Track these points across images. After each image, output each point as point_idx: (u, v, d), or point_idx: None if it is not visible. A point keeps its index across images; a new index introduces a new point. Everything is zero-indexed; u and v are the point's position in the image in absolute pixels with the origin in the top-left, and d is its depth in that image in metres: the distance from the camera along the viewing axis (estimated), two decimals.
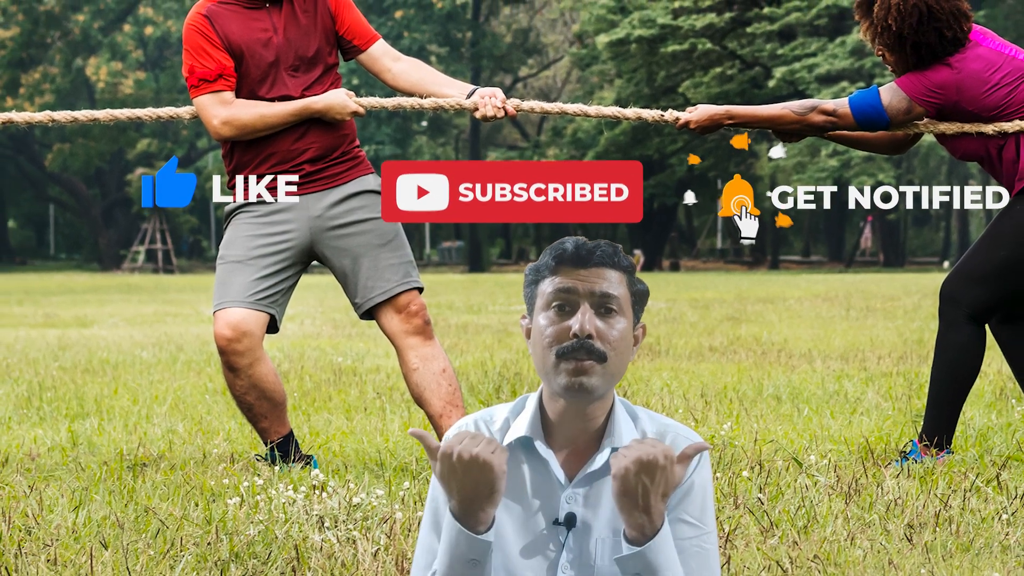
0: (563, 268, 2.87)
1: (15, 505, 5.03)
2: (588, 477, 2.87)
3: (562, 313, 2.85)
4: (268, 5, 5.91)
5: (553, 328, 2.85)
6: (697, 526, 2.85)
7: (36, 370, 10.91)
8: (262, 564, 4.20)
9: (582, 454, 2.90)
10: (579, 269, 2.86)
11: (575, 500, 2.87)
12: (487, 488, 2.72)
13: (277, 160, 5.92)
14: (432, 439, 2.73)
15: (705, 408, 7.71)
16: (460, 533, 2.74)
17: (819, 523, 4.60)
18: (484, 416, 2.96)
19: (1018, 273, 5.74)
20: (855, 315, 17.85)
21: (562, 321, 2.85)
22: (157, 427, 7.32)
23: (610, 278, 2.87)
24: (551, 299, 2.87)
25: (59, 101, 63.81)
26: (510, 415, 2.95)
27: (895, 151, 6.12)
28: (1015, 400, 7.68)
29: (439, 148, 67.35)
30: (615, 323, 2.86)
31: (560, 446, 2.90)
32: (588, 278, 2.86)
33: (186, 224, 70.31)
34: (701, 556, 2.85)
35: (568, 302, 2.85)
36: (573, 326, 2.83)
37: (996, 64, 5.69)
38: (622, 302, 2.87)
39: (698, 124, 5.94)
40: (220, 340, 5.88)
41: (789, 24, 49.15)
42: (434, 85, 5.99)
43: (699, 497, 2.86)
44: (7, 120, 6.04)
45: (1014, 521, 4.57)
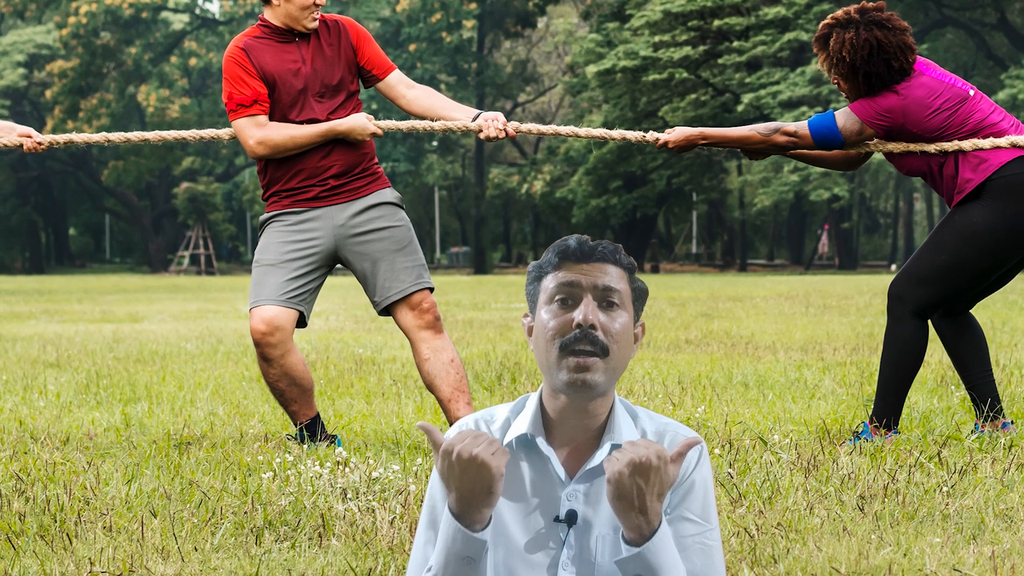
0: (566, 263, 2.65)
1: (75, 479, 5.04)
2: (589, 474, 2.63)
3: (565, 306, 2.63)
4: (297, 39, 5.91)
5: (556, 321, 2.62)
6: (699, 523, 2.62)
7: (93, 360, 10.91)
8: (292, 531, 4.20)
9: (582, 451, 2.65)
10: (582, 264, 2.64)
11: (576, 497, 2.63)
12: (484, 488, 2.48)
13: (306, 175, 5.92)
14: (438, 433, 2.53)
15: (682, 393, 7.72)
16: (457, 530, 2.51)
17: (782, 495, 4.60)
18: (485, 415, 2.73)
19: (956, 275, 5.74)
20: (813, 312, 17.85)
21: (565, 314, 2.62)
22: (200, 410, 7.33)
23: (612, 273, 2.65)
24: (554, 293, 2.64)
25: (114, 124, 63.81)
26: (511, 414, 2.71)
27: (849, 167, 6.12)
28: (954, 387, 7.68)
29: (448, 165, 67.31)
30: (617, 316, 2.63)
31: (561, 444, 2.66)
32: (591, 272, 2.64)
33: (225, 232, 70.32)
34: (705, 552, 2.61)
35: (571, 295, 2.63)
36: (576, 317, 2.60)
37: (937, 91, 5.70)
38: (624, 297, 2.65)
39: (676, 144, 5.95)
40: (255, 334, 5.88)
41: (755, 56, 49.12)
42: (443, 110, 6.00)
43: (700, 494, 2.63)
44: (68, 140, 6.05)
45: (953, 493, 4.57)
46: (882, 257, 69.02)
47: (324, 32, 5.94)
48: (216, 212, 67.55)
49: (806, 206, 60.10)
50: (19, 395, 8.26)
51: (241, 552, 3.92)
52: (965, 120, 5.68)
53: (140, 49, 65.88)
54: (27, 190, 71.09)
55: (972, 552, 3.78)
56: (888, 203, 72.01)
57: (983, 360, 5.95)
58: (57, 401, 7.91)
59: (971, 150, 5.65)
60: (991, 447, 5.53)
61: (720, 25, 49.57)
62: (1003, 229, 5.66)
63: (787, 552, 3.82)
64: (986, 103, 5.75)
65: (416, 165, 63.50)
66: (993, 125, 5.69)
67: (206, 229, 65.20)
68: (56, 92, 65.38)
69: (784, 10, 48.15)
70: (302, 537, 4.10)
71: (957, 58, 53.53)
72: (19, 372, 9.89)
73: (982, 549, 3.80)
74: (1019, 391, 7.49)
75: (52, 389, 8.55)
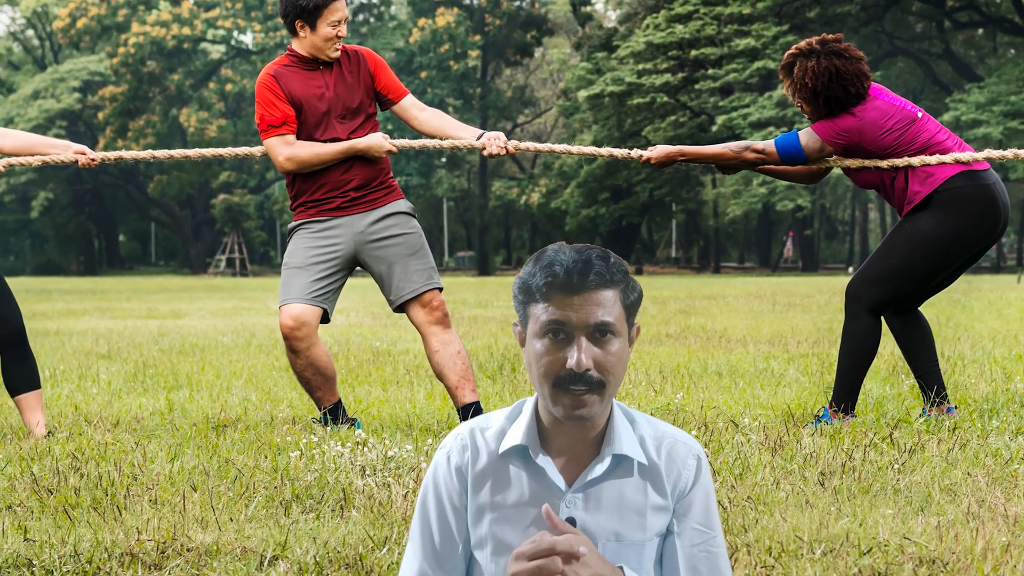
0: (555, 296, 2.23)
1: (124, 457, 5.04)
2: (587, 483, 2.32)
3: (556, 342, 2.23)
4: (322, 67, 5.91)
5: (549, 358, 2.23)
6: (703, 531, 2.34)
7: (140, 352, 10.91)
8: (317, 503, 4.20)
9: (580, 459, 2.32)
10: (572, 296, 2.22)
11: (575, 505, 2.31)
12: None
13: (329, 188, 5.92)
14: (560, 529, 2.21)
15: (663, 382, 7.71)
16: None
17: (751, 471, 4.60)
18: (480, 423, 2.37)
19: (906, 277, 5.74)
20: (779, 309, 17.84)
21: (557, 352, 2.23)
22: (235, 396, 7.32)
23: (605, 302, 2.23)
24: (545, 328, 2.24)
25: (158, 142, 63.83)
26: (506, 422, 2.35)
27: (811, 181, 6.12)
28: (904, 375, 7.68)
29: (455, 179, 67.29)
30: (611, 347, 2.24)
31: (558, 452, 2.32)
32: (582, 307, 2.22)
33: (258, 238, 70.30)
34: (710, 560, 2.34)
35: (563, 331, 2.23)
36: (569, 360, 2.22)
37: (889, 114, 5.69)
38: (617, 325, 2.25)
39: (657, 160, 5.95)
40: (284, 329, 5.88)
41: (728, 82, 49.12)
42: (451, 129, 6.00)
43: (702, 504, 2.34)
44: (118, 157, 6.04)
45: (903, 470, 4.57)
46: (840, 260, 69.00)
47: (345, 61, 5.94)
48: (249, 220, 67.55)
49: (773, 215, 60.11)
50: (75, 383, 8.26)
51: (272, 522, 3.92)
52: (914, 139, 5.68)
53: (182, 76, 65.88)
54: (82, 201, 71.12)
55: (920, 522, 3.78)
56: (845, 212, 71.99)
57: (930, 352, 5.95)
58: (108, 388, 7.91)
59: (919, 166, 5.65)
60: (937, 429, 5.52)
61: (696, 55, 49.58)
62: (948, 236, 5.66)
63: (756, 522, 3.82)
64: (932, 124, 5.75)
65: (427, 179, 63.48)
66: (939, 143, 5.69)
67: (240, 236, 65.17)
68: (107, 114, 65.41)
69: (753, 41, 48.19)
70: (326, 509, 4.10)
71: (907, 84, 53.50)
72: (74, 363, 9.88)
73: (929, 520, 3.80)
74: (962, 379, 7.49)
75: (104, 378, 8.55)
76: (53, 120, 64.14)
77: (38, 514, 4.05)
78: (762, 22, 48.73)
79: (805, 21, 48.53)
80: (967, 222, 5.66)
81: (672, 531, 2.33)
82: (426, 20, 62.35)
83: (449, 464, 2.34)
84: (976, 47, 56.27)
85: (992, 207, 5.68)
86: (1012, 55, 53.72)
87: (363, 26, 66.61)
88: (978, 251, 5.77)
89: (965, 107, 45.58)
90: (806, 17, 48.71)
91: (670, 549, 2.34)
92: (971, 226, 5.67)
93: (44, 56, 73.90)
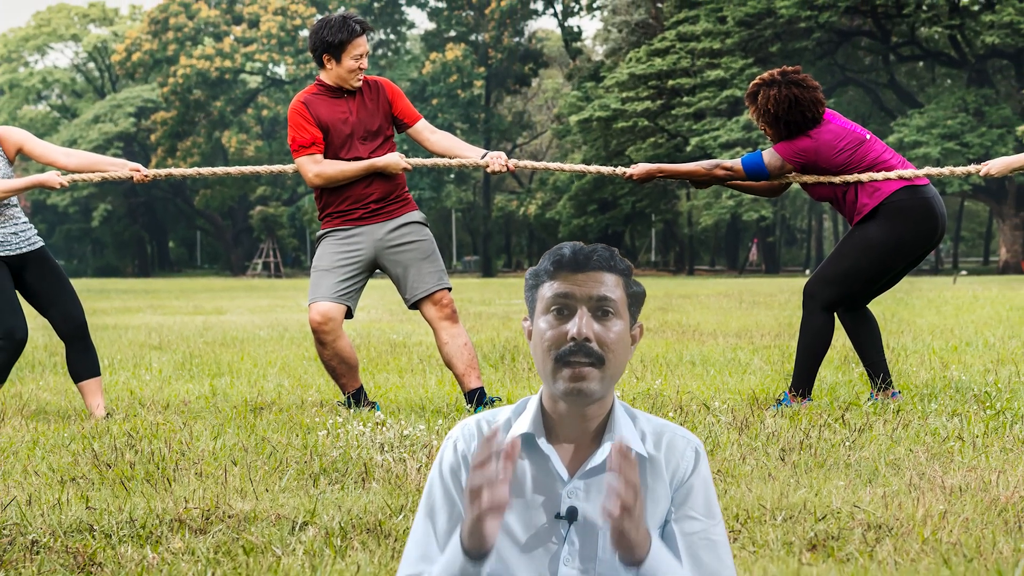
0: (561, 273, 2.12)
1: (173, 436, 5.04)
2: (589, 472, 2.14)
3: (560, 317, 2.11)
4: (346, 95, 5.91)
5: (552, 332, 2.10)
6: (703, 520, 2.15)
7: (188, 344, 10.91)
8: (341, 476, 4.20)
9: (583, 450, 2.15)
10: (577, 274, 2.12)
11: (576, 494, 2.13)
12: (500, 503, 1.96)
13: (352, 200, 5.92)
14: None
15: (643, 370, 7.71)
16: (464, 562, 2.01)
17: (721, 448, 4.60)
18: (487, 416, 2.22)
19: (856, 278, 5.74)
20: (745, 306, 17.84)
21: (560, 325, 2.10)
22: (270, 383, 7.32)
23: (607, 281, 2.12)
24: (550, 303, 2.12)
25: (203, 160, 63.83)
26: (512, 415, 2.20)
27: (773, 195, 6.12)
28: (854, 364, 7.67)
29: (462, 192, 67.27)
30: (612, 325, 2.11)
31: (561, 443, 2.16)
32: (585, 282, 2.11)
33: (290, 244, 70.27)
34: (711, 547, 2.14)
35: (566, 306, 2.10)
36: (571, 330, 2.09)
37: (842, 136, 5.70)
38: (619, 305, 2.12)
39: (639, 176, 5.94)
40: (313, 323, 5.88)
41: (701, 108, 49.10)
42: (459, 149, 6.00)
43: (701, 493, 2.16)
44: (168, 174, 6.05)
45: (854, 447, 4.57)
46: (799, 264, 68.97)
47: (366, 89, 5.94)
48: (282, 229, 67.53)
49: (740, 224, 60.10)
50: (130, 371, 8.26)
51: (302, 493, 3.92)
52: (863, 158, 5.68)
53: (224, 103, 65.86)
54: (136, 212, 71.14)
55: (868, 493, 3.78)
56: (803, 222, 71.96)
57: (877, 344, 5.95)
58: (159, 376, 7.91)
59: (867, 181, 5.65)
60: (883, 411, 5.52)
61: (673, 84, 49.57)
62: (892, 242, 5.66)
63: (724, 493, 3.82)
64: (879, 145, 5.75)
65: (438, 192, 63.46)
66: (884, 162, 5.70)
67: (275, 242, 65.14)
68: (158, 136, 65.40)
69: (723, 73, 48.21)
70: (349, 481, 4.10)
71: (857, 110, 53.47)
72: (130, 353, 9.88)
73: (876, 490, 3.80)
74: (905, 368, 7.49)
75: (155, 366, 8.55)
76: (111, 142, 64.18)
77: (98, 485, 4.06)
78: (730, 56, 48.73)
79: (768, 55, 48.52)
80: (909, 230, 5.66)
81: (671, 520, 2.15)
82: (437, 54, 62.38)
83: (456, 451, 2.17)
84: (917, 77, 56.23)
85: (931, 217, 5.69)
86: (948, 84, 53.75)
87: (382, 59, 66.68)
88: (919, 256, 5.77)
89: (907, 130, 45.54)
90: (769, 51, 48.70)
91: (671, 538, 2.15)
92: (913, 234, 5.67)
93: (103, 85, 73.93)
